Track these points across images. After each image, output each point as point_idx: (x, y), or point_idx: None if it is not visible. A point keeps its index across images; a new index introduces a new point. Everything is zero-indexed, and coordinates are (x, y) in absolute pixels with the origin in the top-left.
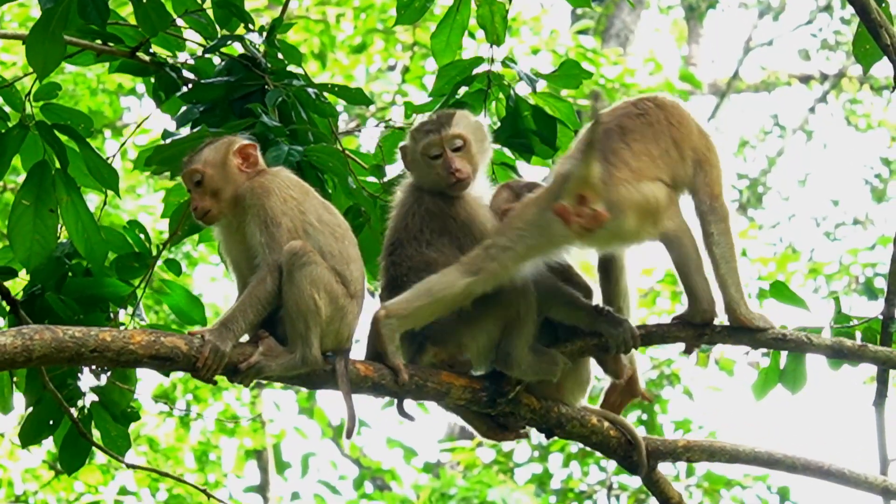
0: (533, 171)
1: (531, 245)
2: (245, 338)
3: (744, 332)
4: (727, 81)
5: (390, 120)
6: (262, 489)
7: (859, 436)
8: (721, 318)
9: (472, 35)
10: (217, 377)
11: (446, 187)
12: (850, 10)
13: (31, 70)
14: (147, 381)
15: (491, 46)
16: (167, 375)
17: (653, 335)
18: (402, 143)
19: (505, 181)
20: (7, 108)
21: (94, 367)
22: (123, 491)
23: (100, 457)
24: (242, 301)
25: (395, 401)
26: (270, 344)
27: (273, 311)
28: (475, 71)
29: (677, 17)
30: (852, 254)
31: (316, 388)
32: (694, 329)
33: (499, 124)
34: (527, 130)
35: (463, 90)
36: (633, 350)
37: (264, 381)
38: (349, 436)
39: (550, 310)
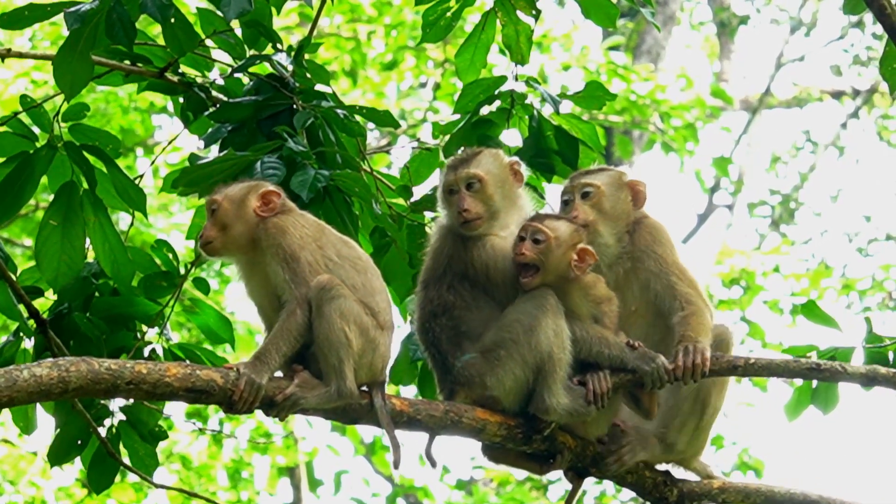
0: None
1: None
2: (279, 373)
3: (777, 362)
4: (759, 97)
5: (419, 139)
6: None
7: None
8: None
9: (502, 52)
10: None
11: (458, 226)
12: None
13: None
14: None
15: (515, 66)
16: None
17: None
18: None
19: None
20: (35, 129)
21: None
22: None
23: (131, 475)
24: (275, 335)
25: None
26: (305, 377)
27: (304, 348)
28: (499, 90)
29: (709, 34)
30: (885, 269)
31: (353, 422)
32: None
33: (521, 143)
34: (549, 150)
35: (486, 109)
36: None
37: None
38: (396, 466)
39: (583, 350)
